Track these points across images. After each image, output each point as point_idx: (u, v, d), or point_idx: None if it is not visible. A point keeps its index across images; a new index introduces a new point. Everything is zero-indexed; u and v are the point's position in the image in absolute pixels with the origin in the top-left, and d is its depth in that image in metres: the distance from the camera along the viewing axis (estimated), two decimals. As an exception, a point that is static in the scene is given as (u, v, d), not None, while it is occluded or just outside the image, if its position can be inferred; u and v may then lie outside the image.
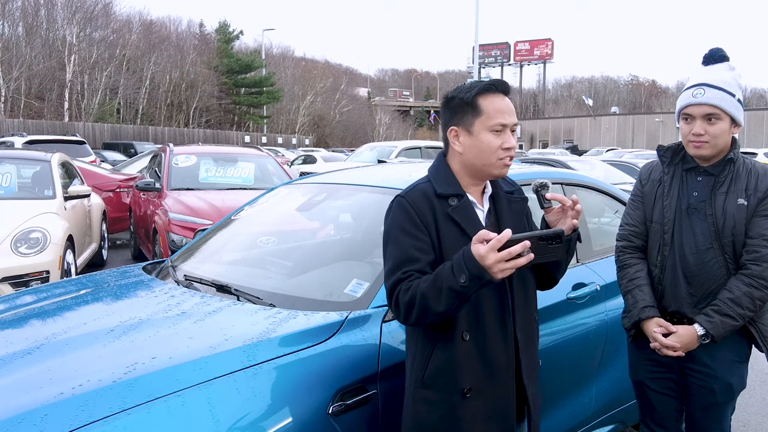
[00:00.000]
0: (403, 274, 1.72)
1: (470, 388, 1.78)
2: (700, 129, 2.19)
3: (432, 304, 1.65)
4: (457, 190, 1.84)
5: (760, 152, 23.97)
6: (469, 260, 1.58)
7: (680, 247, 2.26)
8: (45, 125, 31.81)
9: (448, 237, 1.78)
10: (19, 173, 6.66)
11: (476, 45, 33.35)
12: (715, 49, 2.29)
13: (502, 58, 68.32)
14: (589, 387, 2.88)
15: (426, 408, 1.79)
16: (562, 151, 31.97)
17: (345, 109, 64.55)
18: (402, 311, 1.72)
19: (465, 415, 1.78)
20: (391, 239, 1.80)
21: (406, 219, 1.79)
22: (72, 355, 1.92)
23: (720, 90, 2.19)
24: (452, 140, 1.86)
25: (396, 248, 1.77)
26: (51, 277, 5.31)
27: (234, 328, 2.05)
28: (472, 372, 1.78)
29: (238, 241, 3.19)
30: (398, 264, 1.75)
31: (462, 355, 1.77)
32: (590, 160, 12.64)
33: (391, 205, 1.86)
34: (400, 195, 1.85)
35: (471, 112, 1.82)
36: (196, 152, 8.02)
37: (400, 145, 15.35)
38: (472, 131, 1.82)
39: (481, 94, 1.82)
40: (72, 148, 12.71)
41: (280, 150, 33.50)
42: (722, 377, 2.26)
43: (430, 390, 1.79)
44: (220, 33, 51.75)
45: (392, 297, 1.74)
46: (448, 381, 1.77)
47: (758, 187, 2.20)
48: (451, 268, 1.62)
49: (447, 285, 1.62)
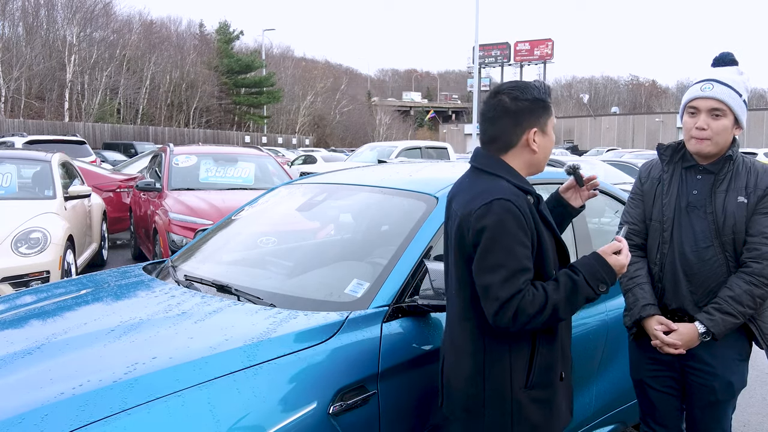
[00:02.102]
0: (523, 285, 1.72)
1: (563, 372, 1.92)
2: (703, 123, 2.20)
3: (562, 313, 1.75)
4: (532, 187, 1.90)
5: (760, 152, 23.96)
6: (608, 271, 1.77)
7: (680, 245, 2.27)
8: (45, 125, 31.82)
9: (543, 233, 1.84)
10: (19, 173, 6.65)
11: (476, 45, 33.36)
12: (725, 53, 2.31)
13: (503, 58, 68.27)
14: (589, 387, 2.88)
15: (535, 406, 1.83)
16: (563, 151, 31.96)
17: (345, 109, 64.56)
18: (523, 320, 1.71)
19: (560, 398, 1.92)
20: (501, 246, 1.72)
21: (516, 225, 1.74)
22: (72, 355, 1.92)
23: (728, 87, 2.20)
24: (531, 141, 1.86)
25: (509, 257, 1.72)
26: (51, 277, 5.31)
27: (234, 328, 2.05)
28: (561, 357, 1.92)
29: (239, 241, 3.19)
30: (515, 273, 1.71)
31: (557, 346, 1.89)
32: (590, 160, 12.66)
33: (493, 208, 1.74)
34: (504, 198, 1.75)
35: (546, 112, 1.89)
36: (197, 152, 8.01)
37: (400, 145, 15.36)
38: (546, 131, 1.90)
39: (550, 95, 1.92)
40: (72, 148, 12.72)
41: (280, 150, 33.50)
42: (723, 375, 2.26)
43: (537, 388, 1.83)
44: (220, 33, 51.76)
45: (510, 306, 1.70)
46: (553, 373, 1.88)
47: (758, 185, 2.21)
48: (584, 279, 1.76)
49: (584, 295, 1.76)
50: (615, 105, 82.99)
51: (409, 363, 2.11)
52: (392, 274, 2.23)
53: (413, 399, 2.12)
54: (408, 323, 2.17)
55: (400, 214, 2.64)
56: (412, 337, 2.16)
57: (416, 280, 2.21)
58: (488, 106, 1.89)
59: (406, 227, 2.42)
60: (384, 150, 15.25)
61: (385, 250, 2.46)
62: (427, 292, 2.10)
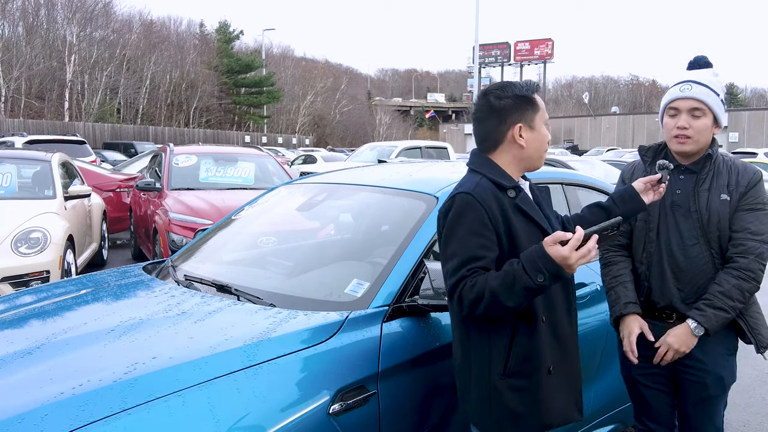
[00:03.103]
0: (468, 271, 1.78)
1: (553, 366, 1.90)
2: (685, 123, 2.26)
3: (503, 301, 1.74)
4: (514, 182, 1.93)
5: (761, 152, 23.92)
6: (546, 261, 1.69)
7: (667, 244, 2.32)
8: (45, 125, 31.81)
9: (518, 227, 1.87)
10: (19, 173, 6.65)
11: (476, 45, 33.38)
12: (699, 57, 2.38)
13: (503, 58, 68.26)
14: (589, 387, 2.88)
15: (514, 395, 1.86)
16: (563, 151, 31.92)
17: (345, 109, 64.55)
18: (466, 306, 1.79)
19: (550, 391, 1.90)
20: (455, 236, 1.84)
21: (473, 217, 1.83)
22: (72, 355, 1.92)
23: (706, 87, 2.27)
24: (517, 136, 1.92)
25: (461, 246, 1.82)
26: (51, 277, 5.31)
27: (234, 328, 2.05)
28: (552, 350, 1.91)
29: (239, 241, 3.19)
30: (463, 261, 1.80)
31: (543, 337, 1.89)
32: (590, 160, 12.67)
33: (453, 202, 1.87)
34: (465, 192, 1.86)
35: (531, 108, 1.93)
36: (197, 152, 8.01)
37: (400, 145, 15.37)
38: (534, 126, 1.93)
39: (536, 92, 1.96)
40: (72, 148, 12.72)
41: (280, 150, 33.50)
42: (714, 371, 2.30)
43: (516, 377, 1.86)
44: (220, 33, 51.76)
45: (455, 293, 1.80)
46: (535, 364, 1.87)
47: (739, 182, 2.27)
48: (522, 268, 1.72)
49: (522, 285, 1.71)
50: (615, 105, 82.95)
51: (409, 363, 2.11)
52: (392, 274, 2.23)
53: (413, 399, 2.12)
54: (408, 323, 2.17)
55: (400, 213, 2.64)
56: (412, 336, 2.16)
57: (416, 280, 2.21)
58: (476, 107, 1.99)
59: (406, 227, 2.42)
60: (384, 150, 15.26)
61: (385, 250, 2.46)
62: (427, 292, 2.11)
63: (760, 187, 2.28)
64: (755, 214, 2.24)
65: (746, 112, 52.55)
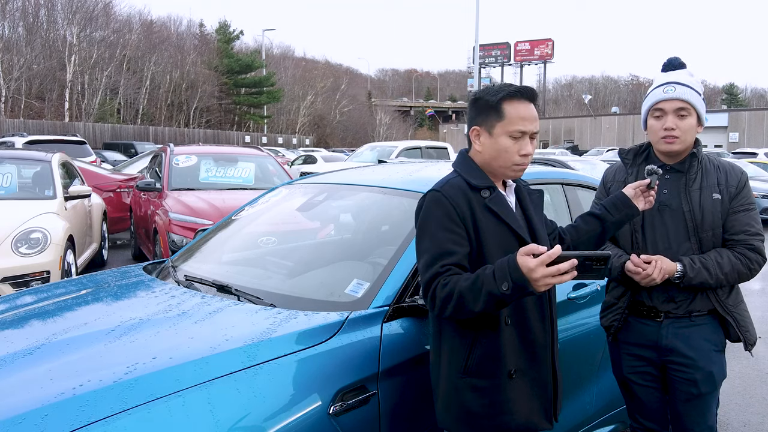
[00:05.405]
0: (441, 268, 1.78)
1: (516, 370, 1.86)
2: (671, 123, 2.28)
3: (469, 304, 1.71)
4: (488, 182, 1.92)
5: (761, 152, 23.90)
6: (515, 270, 1.63)
7: (654, 245, 2.33)
8: (45, 125, 31.80)
9: (486, 227, 1.85)
10: (19, 173, 6.65)
11: (476, 45, 33.36)
12: (673, 58, 2.42)
13: (503, 58, 68.31)
14: (589, 387, 2.88)
15: (473, 395, 1.85)
16: (563, 151, 31.90)
17: (345, 109, 64.54)
18: (437, 305, 1.78)
19: (511, 395, 1.86)
20: (426, 233, 1.85)
21: (442, 213, 1.84)
22: (72, 355, 1.92)
23: (689, 87, 2.30)
24: (473, 139, 1.94)
25: (432, 242, 1.82)
26: (51, 277, 5.31)
27: (234, 329, 2.05)
28: (516, 354, 1.87)
29: (239, 241, 3.19)
30: (435, 257, 1.80)
31: (507, 339, 1.85)
32: (590, 160, 12.65)
33: (425, 200, 1.90)
34: (435, 189, 1.89)
35: (495, 115, 1.89)
36: (197, 152, 8.01)
37: (400, 145, 15.38)
38: (493, 133, 1.90)
39: (506, 99, 1.88)
40: (72, 148, 12.72)
41: (280, 150, 33.49)
42: (703, 367, 2.30)
43: (476, 377, 1.85)
44: (220, 33, 51.76)
45: (429, 290, 1.80)
46: (495, 365, 1.85)
47: (729, 182, 2.30)
48: (492, 273, 1.68)
49: (487, 289, 1.67)
50: (615, 105, 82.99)
51: (409, 363, 2.11)
52: (392, 274, 2.23)
53: (413, 399, 2.12)
54: (408, 323, 2.17)
55: (400, 213, 2.64)
56: (413, 337, 2.16)
57: (416, 280, 2.21)
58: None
59: (406, 227, 2.42)
60: (384, 150, 15.27)
61: (385, 250, 2.46)
62: (428, 292, 2.10)
63: (749, 187, 2.34)
64: (749, 214, 2.30)
65: (746, 112, 52.55)
